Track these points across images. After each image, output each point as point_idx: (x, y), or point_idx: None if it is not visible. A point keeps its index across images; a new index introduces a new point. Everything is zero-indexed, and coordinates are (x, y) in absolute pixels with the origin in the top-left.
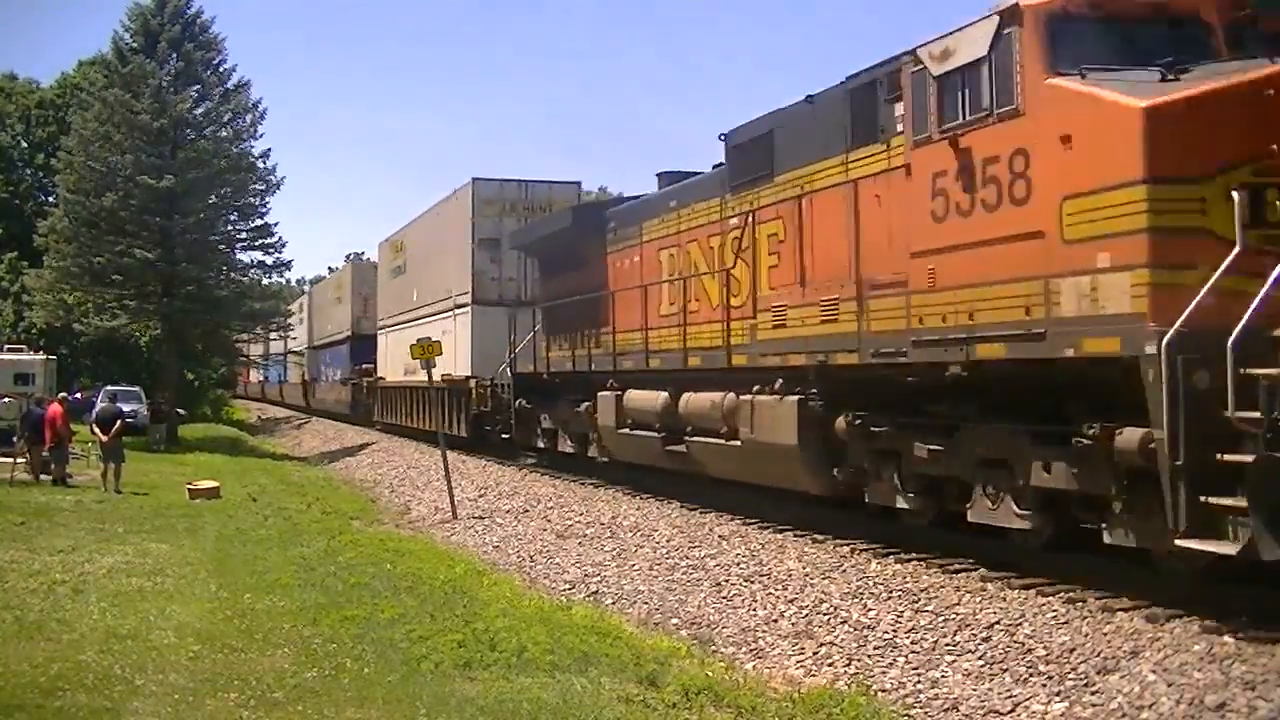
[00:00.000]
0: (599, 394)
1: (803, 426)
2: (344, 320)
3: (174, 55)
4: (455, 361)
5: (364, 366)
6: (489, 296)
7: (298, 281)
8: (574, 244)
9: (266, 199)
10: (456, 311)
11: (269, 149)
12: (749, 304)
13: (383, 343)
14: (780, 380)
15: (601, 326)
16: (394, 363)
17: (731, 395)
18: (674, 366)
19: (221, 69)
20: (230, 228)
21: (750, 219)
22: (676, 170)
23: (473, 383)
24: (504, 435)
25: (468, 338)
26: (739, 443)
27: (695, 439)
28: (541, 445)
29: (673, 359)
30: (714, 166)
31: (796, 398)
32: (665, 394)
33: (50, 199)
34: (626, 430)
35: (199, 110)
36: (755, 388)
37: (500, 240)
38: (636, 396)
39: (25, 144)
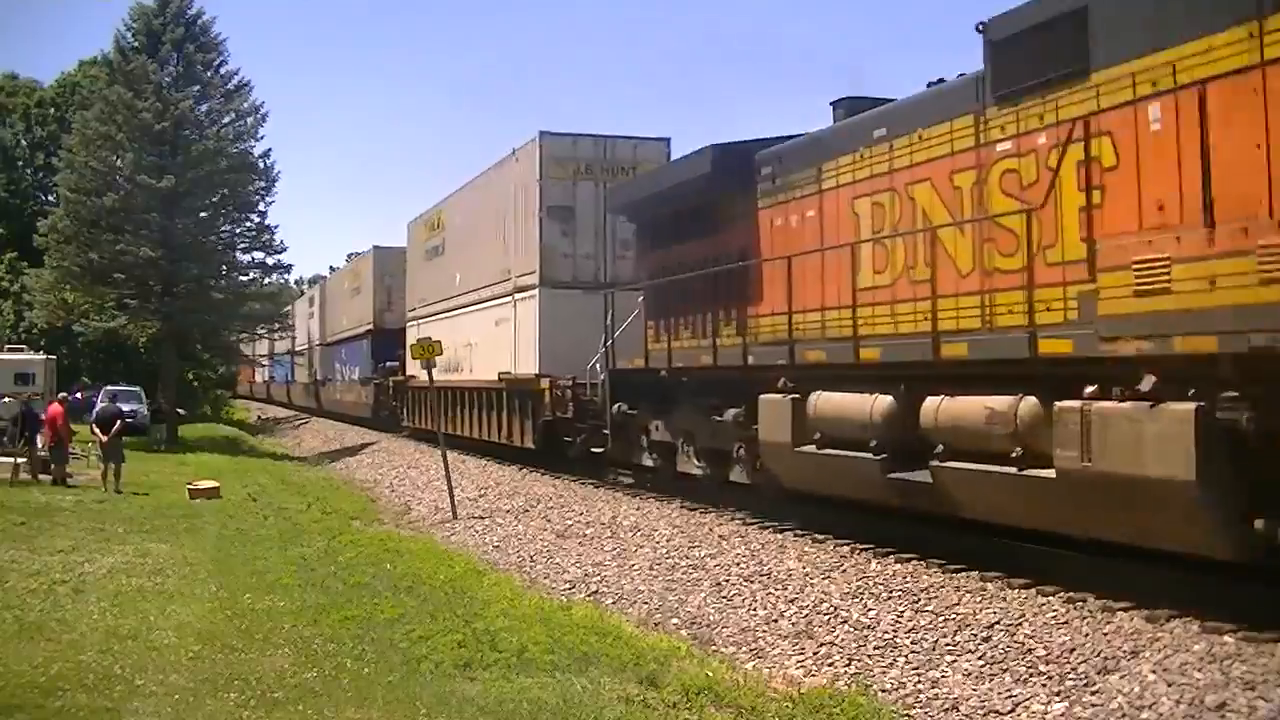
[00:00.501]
0: (762, 397)
1: (1206, 452)
2: (363, 313)
3: (175, 56)
4: (516, 357)
5: (390, 364)
6: (561, 277)
7: (296, 282)
8: (705, 199)
9: (267, 199)
10: (518, 296)
11: (269, 149)
12: (1061, 261)
13: (414, 336)
14: (1152, 378)
15: (755, 306)
16: None
17: (1031, 400)
18: (909, 358)
19: (223, 70)
20: (233, 224)
21: (1069, 134)
22: (866, 96)
23: (545, 383)
24: (594, 449)
25: (534, 327)
26: (1051, 473)
27: (952, 464)
28: (650, 463)
29: (905, 348)
30: (929, 84)
31: (1192, 405)
32: (888, 397)
33: (50, 199)
34: (811, 448)
35: (201, 109)
36: (1088, 389)
37: (574, 209)
38: (835, 401)
39: (25, 144)
